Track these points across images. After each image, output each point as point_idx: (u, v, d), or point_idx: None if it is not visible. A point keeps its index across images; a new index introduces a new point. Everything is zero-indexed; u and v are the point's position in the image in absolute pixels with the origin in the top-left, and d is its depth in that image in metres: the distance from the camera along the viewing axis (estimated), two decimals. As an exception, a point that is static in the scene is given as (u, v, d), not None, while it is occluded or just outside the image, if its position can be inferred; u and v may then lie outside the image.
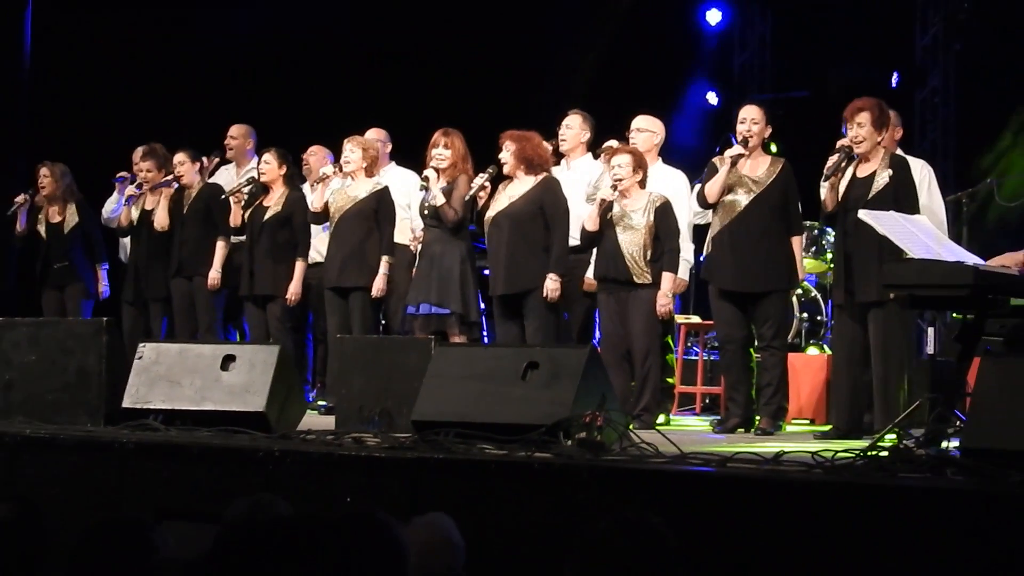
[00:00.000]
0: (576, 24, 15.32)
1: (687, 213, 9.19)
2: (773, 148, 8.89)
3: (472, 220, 9.23)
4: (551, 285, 8.82)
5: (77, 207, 11.27)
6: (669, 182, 9.21)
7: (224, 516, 4.62)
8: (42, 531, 4.66)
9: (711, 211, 8.72)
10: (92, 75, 13.92)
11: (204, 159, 10.84)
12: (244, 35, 14.33)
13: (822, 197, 8.25)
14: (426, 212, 9.26)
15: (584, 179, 9.32)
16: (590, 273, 9.14)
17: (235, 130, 11.20)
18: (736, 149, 8.61)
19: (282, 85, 14.36)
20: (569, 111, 9.65)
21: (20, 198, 11.38)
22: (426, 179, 9.30)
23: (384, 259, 9.62)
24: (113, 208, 11.21)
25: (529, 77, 14.40)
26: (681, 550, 3.74)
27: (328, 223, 9.83)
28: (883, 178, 8.02)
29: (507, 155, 8.99)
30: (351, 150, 9.74)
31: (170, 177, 10.61)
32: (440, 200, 9.12)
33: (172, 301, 10.52)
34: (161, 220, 10.54)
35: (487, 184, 9.09)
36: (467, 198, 9.05)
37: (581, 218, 8.98)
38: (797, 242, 8.65)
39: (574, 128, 9.57)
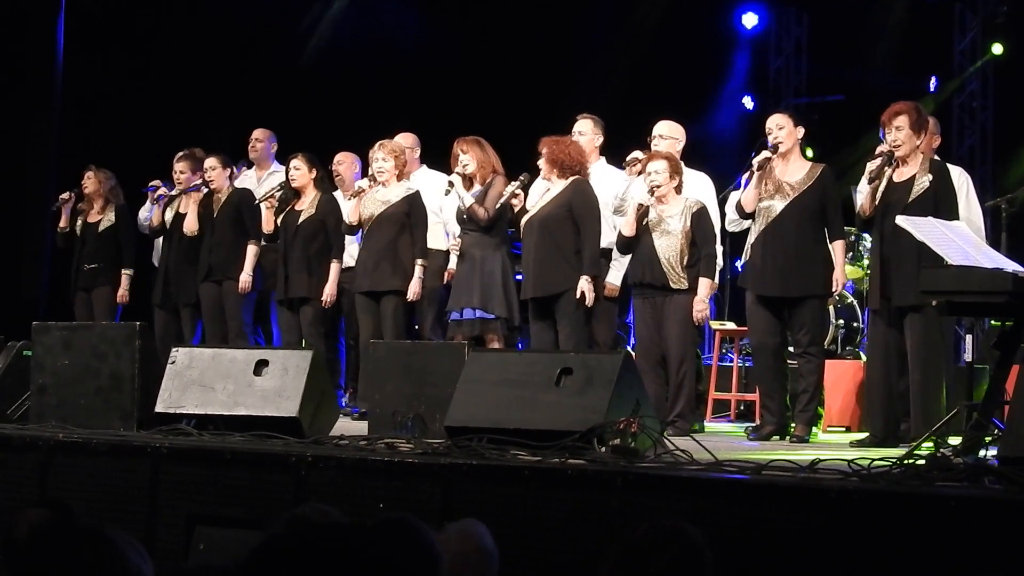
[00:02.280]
0: (610, 28, 15.29)
1: (714, 216, 9.14)
2: (809, 153, 8.84)
3: (508, 224, 9.22)
4: (584, 286, 8.78)
5: (116, 210, 11.28)
6: (694, 186, 9.16)
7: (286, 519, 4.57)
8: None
9: (750, 218, 8.68)
10: (125, 82, 13.98)
11: (233, 168, 10.85)
12: (273, 42, 14.38)
13: (858, 202, 8.19)
14: (464, 216, 9.25)
15: (598, 184, 9.25)
16: (610, 278, 9.10)
17: (258, 133, 11.34)
18: (763, 154, 8.58)
19: (312, 91, 14.38)
20: (579, 116, 9.59)
21: (65, 195, 11.42)
22: (450, 184, 9.31)
23: (418, 263, 9.61)
24: (146, 216, 11.24)
25: (562, 81, 14.38)
26: (716, 558, 3.70)
27: (360, 231, 9.82)
28: (923, 183, 7.96)
29: (541, 159, 8.98)
30: (383, 159, 9.73)
31: (199, 181, 10.61)
32: (468, 200, 9.12)
33: (201, 305, 10.53)
34: (191, 225, 10.53)
35: (519, 192, 9.07)
36: (499, 204, 9.03)
37: (604, 223, 8.95)
38: (839, 247, 8.57)
39: (587, 134, 9.51)
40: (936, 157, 8.65)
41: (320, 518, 4.52)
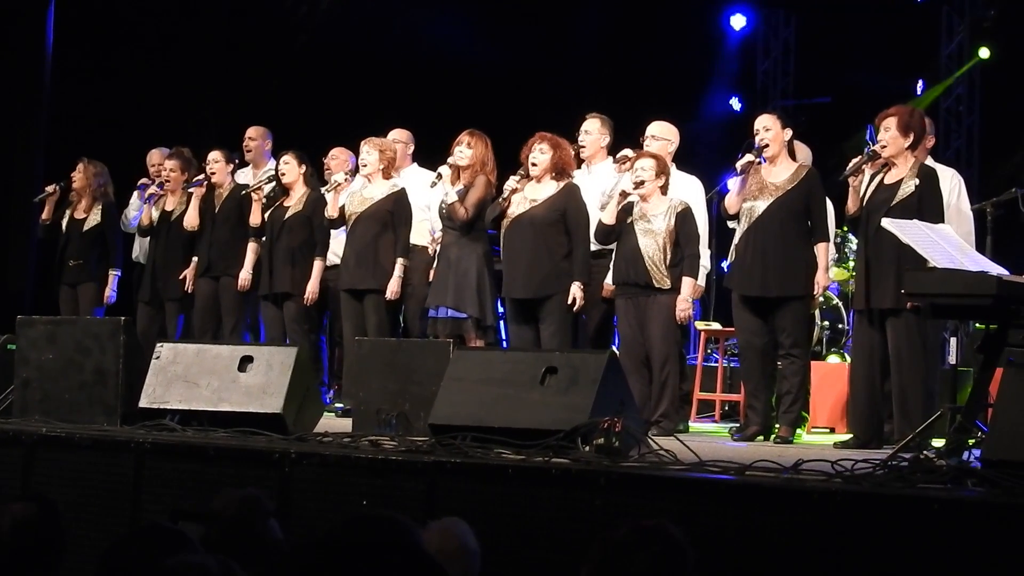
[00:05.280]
0: (599, 29, 15.30)
1: (703, 219, 9.15)
2: (799, 152, 8.83)
3: (489, 223, 9.19)
4: (576, 293, 8.78)
5: (103, 208, 11.19)
6: (684, 188, 9.16)
7: (212, 509, 4.61)
8: (60, 530, 4.66)
9: (734, 219, 8.68)
10: (114, 75, 13.95)
11: (235, 162, 10.82)
12: (266, 37, 14.36)
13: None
14: (444, 212, 9.24)
15: (604, 184, 9.27)
16: (609, 279, 9.10)
17: (252, 132, 11.20)
18: (746, 158, 8.58)
19: (305, 87, 14.37)
20: (587, 115, 9.59)
21: (50, 187, 11.37)
22: (439, 175, 9.31)
23: (399, 261, 9.60)
24: (135, 215, 11.21)
25: (550, 83, 14.40)
26: (698, 558, 3.70)
27: (344, 226, 9.81)
28: (909, 187, 7.95)
29: (543, 157, 8.92)
30: (368, 152, 9.72)
31: (201, 177, 10.56)
32: (452, 197, 9.11)
33: (194, 300, 10.49)
34: (191, 220, 10.49)
35: (518, 188, 9.03)
36: (499, 200, 9.00)
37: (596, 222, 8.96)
38: (823, 249, 8.54)
39: (593, 133, 9.51)
40: (929, 159, 8.69)
41: (253, 504, 4.59)
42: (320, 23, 14.47)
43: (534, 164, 8.95)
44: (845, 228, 10.27)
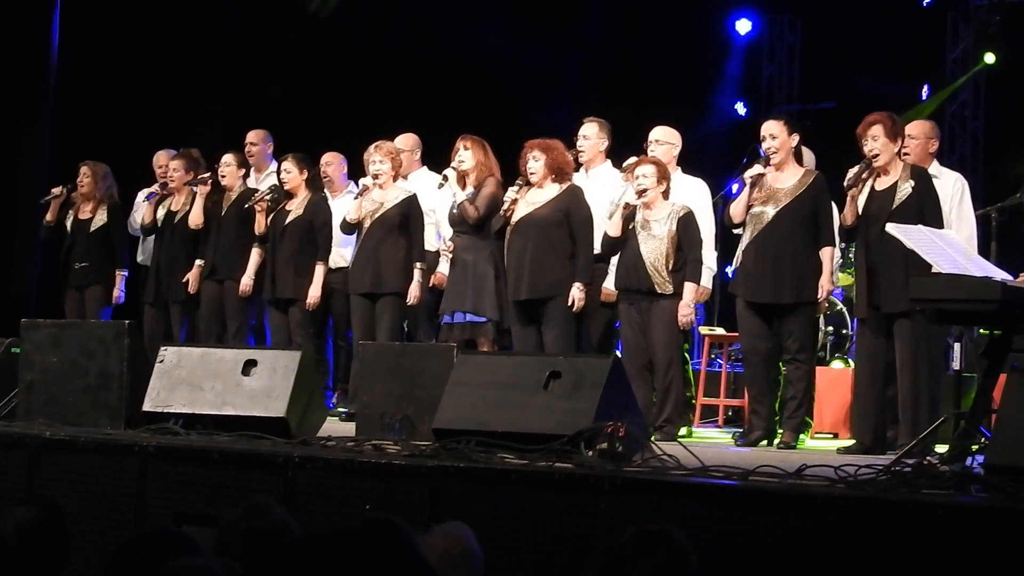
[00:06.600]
0: (605, 33, 15.31)
1: (708, 221, 9.15)
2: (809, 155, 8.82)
3: (494, 233, 9.18)
4: (577, 294, 8.79)
5: (109, 209, 11.18)
6: (689, 191, 9.16)
7: (222, 520, 4.60)
8: (65, 533, 4.67)
9: (738, 227, 8.68)
10: (118, 77, 13.96)
11: (248, 171, 10.81)
12: (267, 39, 14.38)
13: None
14: (456, 216, 9.25)
15: (604, 188, 9.26)
16: (608, 283, 9.10)
17: (253, 136, 11.16)
18: (755, 169, 8.57)
19: (307, 89, 14.38)
20: (585, 120, 9.59)
21: (56, 189, 11.36)
22: (445, 177, 9.32)
23: (417, 266, 9.60)
24: (139, 218, 11.22)
25: (553, 86, 14.40)
26: (702, 563, 3.71)
27: (357, 231, 9.80)
28: (905, 190, 7.96)
29: (537, 164, 8.95)
30: (381, 161, 9.70)
31: (206, 175, 10.56)
32: (461, 196, 9.13)
33: (200, 303, 10.49)
34: (196, 218, 10.48)
35: (519, 196, 9.04)
36: (504, 208, 9.00)
37: (601, 229, 8.95)
38: (828, 254, 8.51)
39: (591, 138, 9.51)
40: (936, 164, 8.69)
41: (263, 512, 4.56)
42: (322, 25, 14.45)
43: (532, 173, 8.98)
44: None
